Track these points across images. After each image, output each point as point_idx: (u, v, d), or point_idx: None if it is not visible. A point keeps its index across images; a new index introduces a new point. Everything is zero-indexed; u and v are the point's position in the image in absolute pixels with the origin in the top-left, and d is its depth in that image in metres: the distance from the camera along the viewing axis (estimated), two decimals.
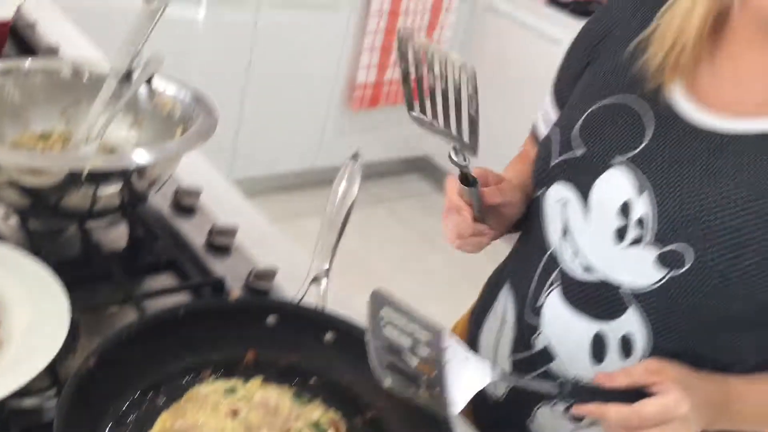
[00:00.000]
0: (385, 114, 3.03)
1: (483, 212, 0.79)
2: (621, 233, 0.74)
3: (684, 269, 0.70)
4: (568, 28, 2.63)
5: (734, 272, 0.68)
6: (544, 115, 0.93)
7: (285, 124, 2.77)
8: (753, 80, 0.72)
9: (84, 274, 0.84)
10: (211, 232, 0.94)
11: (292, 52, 2.62)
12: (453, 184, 0.77)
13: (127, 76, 0.93)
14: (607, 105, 0.79)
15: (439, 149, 3.30)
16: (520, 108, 2.47)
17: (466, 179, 0.75)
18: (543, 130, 0.91)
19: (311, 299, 0.80)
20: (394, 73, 2.90)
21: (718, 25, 0.74)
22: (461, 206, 0.77)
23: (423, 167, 3.43)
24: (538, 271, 0.83)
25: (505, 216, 0.82)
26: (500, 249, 0.94)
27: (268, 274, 0.89)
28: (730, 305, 0.69)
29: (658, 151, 0.74)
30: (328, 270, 0.81)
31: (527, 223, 0.87)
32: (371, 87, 2.88)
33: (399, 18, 2.76)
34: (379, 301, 0.66)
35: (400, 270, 2.77)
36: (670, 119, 0.74)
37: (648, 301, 0.73)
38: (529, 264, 0.85)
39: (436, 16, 2.88)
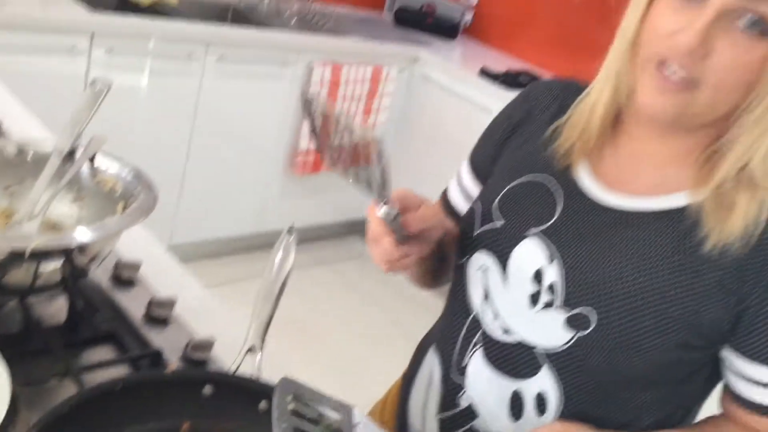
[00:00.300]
0: (326, 178, 3.10)
1: (406, 237, 0.81)
2: (535, 298, 0.81)
3: (589, 330, 0.77)
4: (498, 97, 2.78)
5: (632, 334, 0.75)
6: (459, 180, 1.00)
7: (228, 189, 2.81)
8: (645, 165, 0.82)
9: (24, 348, 0.86)
10: (150, 304, 0.98)
11: (234, 118, 2.68)
12: (374, 213, 0.79)
13: (70, 155, 0.97)
14: (524, 182, 0.88)
15: None
16: (453, 171, 2.57)
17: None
18: (454, 194, 1.00)
19: (247, 368, 0.84)
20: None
21: (618, 116, 0.84)
22: (383, 235, 0.80)
23: (364, 229, 3.50)
24: (463, 333, 0.90)
25: (429, 237, 0.85)
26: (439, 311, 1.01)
27: (206, 345, 0.92)
28: (630, 364, 0.77)
29: (567, 224, 0.82)
30: (263, 340, 0.85)
31: (453, 288, 0.94)
32: (313, 153, 2.95)
33: (339, 87, 2.86)
34: (286, 388, 0.70)
35: (342, 332, 2.80)
36: (577, 196, 0.83)
37: (559, 360, 0.80)
38: (454, 327, 0.91)
39: (375, 86, 3.00)
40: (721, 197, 0.75)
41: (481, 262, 0.87)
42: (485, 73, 2.96)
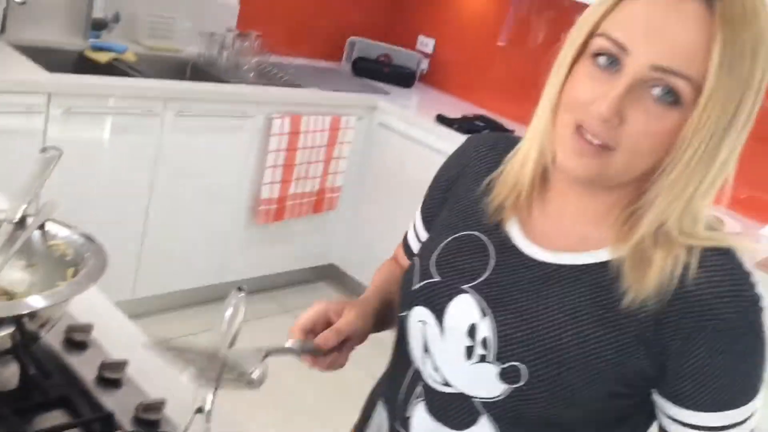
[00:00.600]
0: (290, 225, 3.13)
1: (328, 351, 0.89)
2: (470, 351, 0.84)
3: (521, 383, 0.80)
4: (454, 142, 2.83)
5: (562, 386, 0.78)
6: (414, 228, 1.04)
7: (190, 240, 2.82)
8: (570, 221, 0.85)
9: None
10: (101, 367, 0.99)
11: (195, 171, 2.71)
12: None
13: (22, 222, 0.99)
14: (459, 237, 0.91)
15: (346, 257, 3.41)
16: (411, 214, 2.62)
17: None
18: (412, 242, 1.03)
19: (197, 428, 0.85)
20: (297, 188, 3.02)
21: (546, 174, 0.88)
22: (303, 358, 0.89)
23: (330, 275, 3.52)
24: (405, 384, 0.92)
25: (356, 340, 0.91)
26: None
27: (157, 406, 0.94)
28: (564, 413, 0.80)
29: (498, 280, 0.85)
30: (213, 399, 0.86)
31: (396, 340, 0.96)
32: (275, 201, 2.98)
33: (299, 137, 2.91)
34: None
35: (307, 381, 2.79)
36: (508, 252, 0.87)
37: (496, 410, 0.83)
38: (398, 378, 0.94)
39: (335, 135, 3.05)
40: (639, 254, 0.78)
41: (420, 316, 0.89)
42: (442, 119, 3.03)
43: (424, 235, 1.01)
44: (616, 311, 0.78)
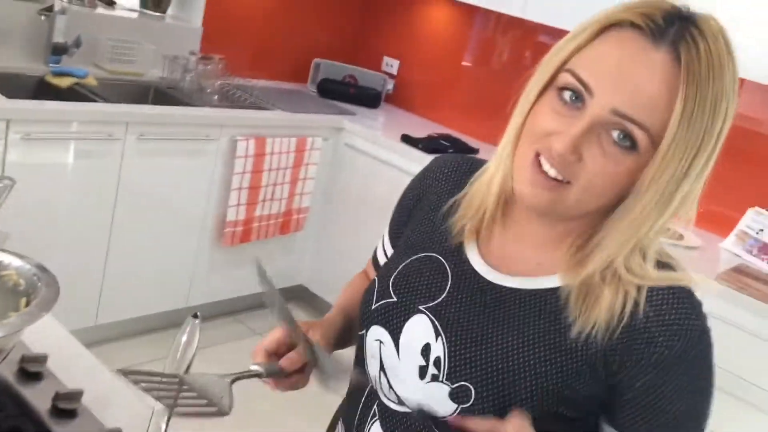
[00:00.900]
0: (257, 247, 3.12)
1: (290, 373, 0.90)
2: (423, 371, 0.85)
3: (469, 403, 0.81)
4: (420, 162, 2.86)
5: (508, 406, 0.79)
6: (384, 244, 1.05)
7: (155, 265, 2.80)
8: (526, 246, 0.87)
9: None
10: (56, 397, 0.98)
11: (159, 195, 2.69)
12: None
13: None
14: (419, 259, 0.92)
15: (314, 278, 3.40)
16: (379, 233, 2.63)
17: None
18: (380, 256, 1.05)
19: None
20: (263, 210, 3.02)
21: (509, 199, 0.89)
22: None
23: (299, 296, 3.51)
24: (362, 404, 0.93)
25: (309, 369, 0.92)
26: None
27: None
28: None
29: (453, 302, 0.87)
30: (166, 427, 0.86)
31: (356, 358, 0.97)
32: (241, 224, 2.97)
33: (265, 158, 2.91)
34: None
35: (281, 405, 2.77)
36: (465, 274, 0.88)
37: (446, 429, 0.83)
38: (355, 398, 0.95)
39: (301, 155, 3.06)
40: (587, 288, 0.80)
41: (377, 336, 0.91)
42: (407, 138, 3.06)
43: (391, 252, 1.03)
44: (566, 336, 0.80)
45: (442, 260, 0.90)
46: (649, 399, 0.78)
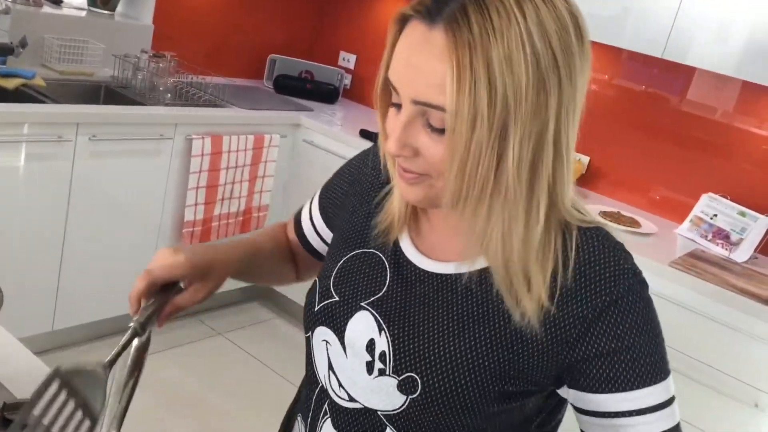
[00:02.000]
0: None
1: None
2: (370, 367, 0.85)
3: (417, 394, 0.81)
4: None
5: (454, 390, 0.80)
6: (311, 207, 1.07)
7: (112, 267, 2.74)
8: (452, 233, 0.87)
9: None
10: (4, 408, 0.95)
11: (113, 196, 2.64)
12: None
13: None
14: (356, 255, 0.93)
15: None
16: None
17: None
18: (303, 219, 1.07)
19: None
20: (222, 209, 2.98)
21: None
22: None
23: (262, 294, 3.48)
24: (313, 402, 0.93)
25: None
26: None
27: None
28: (460, 418, 0.81)
29: (394, 295, 0.87)
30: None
31: (306, 359, 0.97)
32: (200, 223, 2.93)
33: (222, 156, 2.87)
34: None
35: (240, 404, 2.75)
36: (402, 266, 0.89)
37: (398, 422, 0.84)
38: (308, 396, 0.95)
39: (259, 152, 3.03)
40: (509, 266, 0.79)
41: (323, 336, 0.91)
42: (365, 133, 3.04)
43: (318, 218, 1.05)
44: (501, 313, 0.80)
45: (380, 255, 0.91)
46: (610, 346, 0.78)
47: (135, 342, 0.90)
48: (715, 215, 2.62)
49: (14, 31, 2.67)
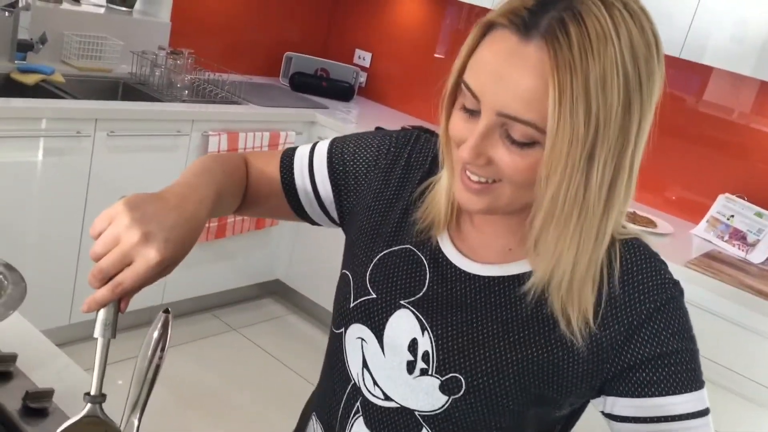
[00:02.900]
0: (233, 242, 3.09)
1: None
2: (411, 366, 0.85)
3: (460, 394, 0.81)
4: None
5: (498, 392, 0.80)
6: (312, 153, 0.97)
7: None
8: (495, 235, 0.87)
9: None
10: (26, 397, 0.96)
11: (130, 191, 2.64)
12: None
13: None
14: (393, 252, 0.91)
15: (290, 272, 3.39)
16: None
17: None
18: (297, 160, 0.97)
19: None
20: None
21: None
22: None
23: (276, 290, 3.49)
24: (343, 401, 0.91)
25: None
26: None
27: None
28: (501, 419, 0.81)
29: (434, 295, 0.86)
30: (138, 425, 0.85)
31: (330, 357, 0.95)
32: (216, 219, 2.94)
33: (238, 153, 2.88)
34: None
35: (255, 399, 2.76)
36: (443, 266, 0.87)
37: (437, 422, 0.84)
38: (335, 395, 0.93)
39: (274, 150, 3.04)
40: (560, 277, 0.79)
41: (357, 334, 0.89)
42: (380, 131, 3.04)
43: (322, 167, 0.96)
44: (546, 318, 0.81)
45: (418, 253, 0.89)
46: (652, 352, 0.79)
47: (155, 333, 0.91)
48: (732, 216, 2.60)
49: (34, 28, 2.70)
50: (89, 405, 0.80)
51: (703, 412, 0.79)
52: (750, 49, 2.36)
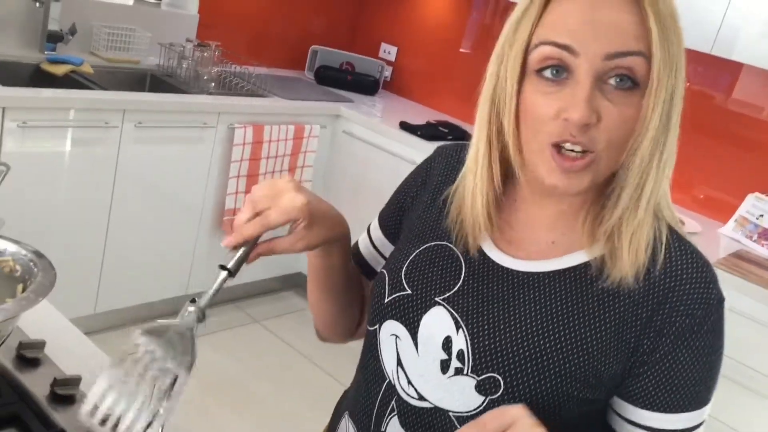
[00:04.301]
0: None
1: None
2: (445, 365, 0.82)
3: (498, 394, 0.79)
4: (418, 149, 2.86)
5: (539, 393, 0.77)
6: (368, 234, 1.03)
7: (153, 252, 2.79)
8: (539, 228, 0.85)
9: None
10: (54, 383, 0.97)
11: (157, 182, 2.68)
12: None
13: None
14: (428, 248, 0.89)
15: None
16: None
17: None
18: (363, 247, 1.03)
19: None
20: None
21: (508, 185, 0.87)
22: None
23: (299, 283, 3.50)
24: (378, 399, 0.89)
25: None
26: None
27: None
28: (540, 418, 0.80)
29: (470, 291, 0.84)
30: (163, 414, 0.85)
31: (365, 354, 0.93)
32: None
33: (263, 146, 2.90)
34: None
35: (276, 391, 2.78)
36: (479, 262, 0.85)
37: None
38: (369, 393, 0.91)
39: (299, 143, 3.05)
40: (611, 244, 0.79)
41: (392, 330, 0.87)
42: (405, 125, 3.04)
43: (377, 235, 1.01)
44: (593, 313, 0.79)
45: (453, 248, 0.87)
46: (663, 363, 0.77)
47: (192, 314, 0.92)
48: (761, 215, 2.56)
49: (64, 19, 2.73)
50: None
51: (693, 428, 0.79)
52: None
